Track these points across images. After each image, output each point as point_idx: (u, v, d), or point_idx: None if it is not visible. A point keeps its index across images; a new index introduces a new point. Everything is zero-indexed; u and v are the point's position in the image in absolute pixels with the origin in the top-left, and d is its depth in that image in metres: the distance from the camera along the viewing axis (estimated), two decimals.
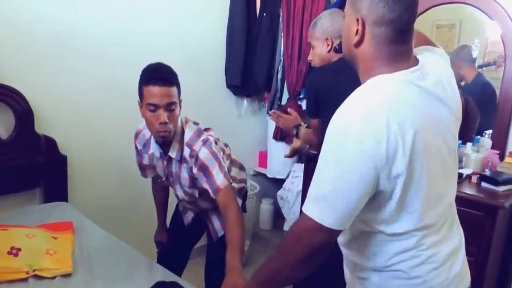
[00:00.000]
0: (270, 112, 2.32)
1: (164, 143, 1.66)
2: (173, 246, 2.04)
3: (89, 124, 2.38)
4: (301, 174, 2.78)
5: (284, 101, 3.06)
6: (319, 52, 1.89)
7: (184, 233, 2.01)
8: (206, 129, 1.75)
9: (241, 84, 3.00)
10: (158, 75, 1.55)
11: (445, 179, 1.02)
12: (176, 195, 1.87)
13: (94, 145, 2.42)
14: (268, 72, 3.09)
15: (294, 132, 2.15)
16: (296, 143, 2.21)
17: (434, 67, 1.00)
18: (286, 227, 3.07)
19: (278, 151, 3.05)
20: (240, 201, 1.91)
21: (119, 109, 2.48)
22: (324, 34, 1.85)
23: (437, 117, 0.97)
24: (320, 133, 1.87)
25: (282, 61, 3.04)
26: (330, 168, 0.90)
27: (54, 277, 1.56)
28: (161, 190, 2.07)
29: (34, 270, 1.56)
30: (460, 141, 2.38)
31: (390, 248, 0.99)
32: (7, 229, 1.74)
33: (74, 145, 2.31)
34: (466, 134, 2.39)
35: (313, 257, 0.97)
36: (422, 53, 1.03)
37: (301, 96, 3.01)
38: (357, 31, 0.94)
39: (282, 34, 2.99)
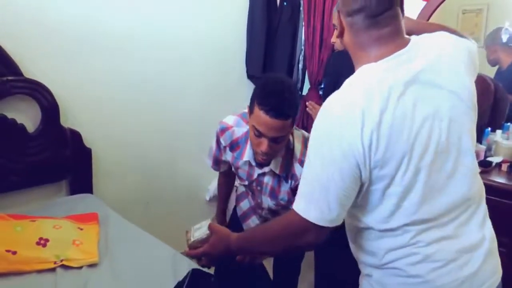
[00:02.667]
0: (307, 103, 2.27)
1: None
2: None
3: (113, 117, 2.41)
4: None
5: (305, 91, 3.02)
6: None
7: None
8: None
9: (262, 74, 2.97)
10: (275, 105, 1.30)
11: (447, 172, 0.96)
12: (257, 203, 1.71)
13: (118, 138, 2.45)
14: (289, 62, 3.05)
15: None
16: None
17: (429, 49, 0.98)
18: None
19: None
20: None
21: (143, 102, 2.51)
22: None
23: (427, 104, 0.92)
24: None
25: (303, 51, 3.00)
26: (314, 166, 0.94)
27: (80, 267, 1.60)
28: (227, 184, 1.93)
29: (61, 260, 1.60)
30: (489, 128, 2.31)
31: (383, 244, 0.98)
32: (35, 221, 1.78)
33: (98, 138, 2.34)
34: (496, 121, 2.32)
35: (297, 250, 1.06)
36: (422, 36, 1.02)
37: (322, 86, 2.96)
38: (338, 23, 1.01)
39: (303, 23, 2.95)
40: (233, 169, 1.70)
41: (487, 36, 2.51)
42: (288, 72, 3.06)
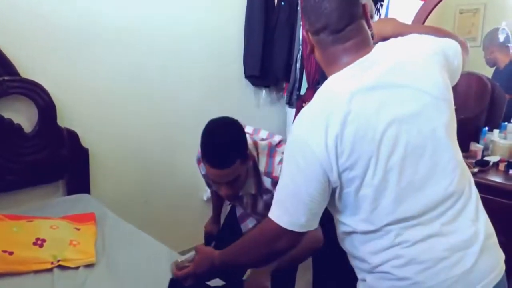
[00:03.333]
0: (304, 104, 2.26)
1: None
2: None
3: (110, 117, 2.40)
4: None
5: (303, 91, 3.02)
6: None
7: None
8: (279, 144, 1.53)
9: (260, 74, 2.97)
10: (214, 160, 1.34)
11: (425, 168, 0.95)
12: (244, 213, 1.76)
13: (115, 138, 2.44)
14: (286, 62, 3.05)
15: None
16: None
17: (393, 52, 1.00)
18: None
19: None
20: None
21: (140, 102, 2.50)
22: None
23: (392, 105, 0.94)
24: None
25: (300, 50, 3.00)
26: (285, 173, 1.01)
27: (77, 267, 1.59)
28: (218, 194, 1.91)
29: (58, 261, 1.59)
30: (487, 128, 2.32)
31: (368, 248, 0.99)
32: (32, 221, 1.78)
33: (95, 138, 2.34)
34: (493, 120, 2.32)
35: (276, 256, 1.10)
36: (388, 41, 1.06)
37: (320, 86, 2.96)
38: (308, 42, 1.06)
39: (301, 23, 2.94)
40: None
41: (484, 36, 2.52)
42: (285, 72, 3.06)
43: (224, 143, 1.35)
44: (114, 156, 2.45)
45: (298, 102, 3.01)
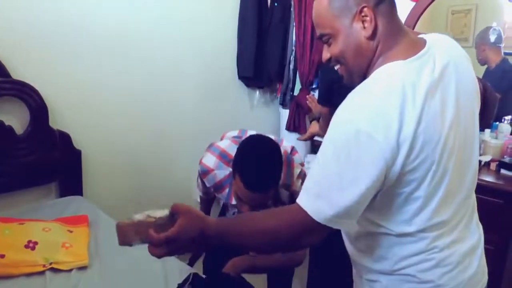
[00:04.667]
0: (307, 96, 2.27)
1: None
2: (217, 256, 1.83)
3: (103, 118, 2.39)
4: None
5: (296, 92, 3.03)
6: None
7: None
8: (292, 151, 1.50)
9: (253, 75, 2.97)
10: (255, 181, 1.29)
11: (461, 170, 0.94)
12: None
13: (108, 140, 2.43)
14: (280, 63, 3.05)
15: (316, 116, 2.12)
16: (314, 128, 2.18)
17: (443, 48, 0.94)
18: None
19: (291, 142, 3.02)
20: None
21: (134, 104, 2.49)
22: None
23: (451, 106, 0.89)
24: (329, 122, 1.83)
25: (294, 51, 3.00)
26: (333, 162, 0.84)
27: (70, 270, 1.58)
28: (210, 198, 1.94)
29: (50, 263, 1.58)
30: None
31: (399, 251, 0.93)
32: (23, 223, 1.77)
33: (88, 140, 2.33)
34: (484, 120, 2.34)
35: (291, 249, 0.97)
36: (430, 35, 0.98)
37: (313, 87, 2.97)
38: (363, 23, 0.89)
39: (294, 24, 2.95)
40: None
41: (476, 35, 2.54)
42: (279, 72, 3.06)
43: (271, 167, 1.31)
44: (107, 158, 2.44)
45: (291, 102, 3.01)
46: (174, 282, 1.47)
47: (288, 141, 3.05)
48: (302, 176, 1.43)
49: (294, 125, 3.03)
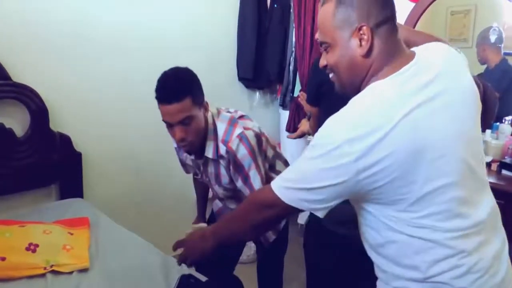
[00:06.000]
0: (299, 93, 2.28)
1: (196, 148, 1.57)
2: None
3: (103, 120, 2.39)
4: None
5: (296, 93, 3.02)
6: None
7: None
8: (241, 117, 1.63)
9: (253, 76, 2.98)
10: (164, 93, 1.44)
11: (473, 172, 0.95)
12: (216, 195, 1.79)
13: (108, 142, 2.43)
14: (280, 64, 3.05)
15: (308, 115, 2.13)
16: (305, 126, 2.18)
17: (432, 59, 0.96)
18: (300, 219, 3.05)
19: (291, 143, 3.03)
20: None
21: (133, 106, 2.49)
22: None
23: (440, 114, 0.90)
24: (319, 121, 1.83)
25: (294, 53, 3.00)
26: (311, 163, 0.91)
27: (71, 272, 1.58)
28: (200, 186, 2.00)
29: (51, 266, 1.58)
30: None
31: (427, 256, 0.93)
32: (24, 226, 1.76)
33: (88, 142, 2.33)
34: (485, 120, 2.33)
35: (267, 226, 1.08)
36: (420, 47, 1.00)
37: None
38: (360, 41, 0.92)
39: (294, 25, 2.95)
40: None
41: (478, 34, 2.54)
42: (279, 74, 3.07)
43: (173, 77, 1.47)
44: (107, 160, 2.44)
45: (291, 104, 3.01)
46: (174, 284, 1.47)
47: (288, 142, 3.08)
48: (241, 137, 1.52)
49: (294, 126, 3.03)
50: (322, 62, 1.01)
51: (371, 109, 0.87)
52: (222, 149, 1.54)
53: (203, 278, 1.51)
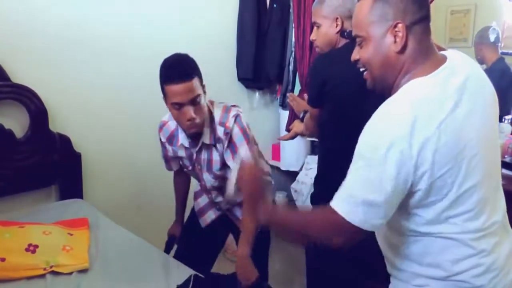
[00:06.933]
0: (288, 94, 2.27)
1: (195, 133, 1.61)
2: (188, 249, 1.94)
3: (102, 121, 2.39)
4: (314, 166, 2.74)
5: (296, 93, 3.02)
6: (326, 31, 1.73)
7: (200, 236, 1.90)
8: (233, 105, 1.70)
9: (253, 77, 2.97)
10: (176, 72, 1.48)
11: (489, 172, 0.97)
12: (203, 186, 1.80)
13: (108, 142, 2.43)
14: (279, 64, 3.05)
15: (301, 116, 2.10)
16: (298, 127, 2.15)
17: (461, 62, 0.98)
18: None
19: (291, 143, 3.02)
20: None
21: (132, 106, 2.49)
22: (333, 12, 1.70)
23: (473, 114, 0.93)
24: (319, 123, 1.81)
25: (293, 53, 3.00)
26: (362, 170, 0.90)
27: (71, 273, 1.58)
28: (183, 183, 2.02)
29: (51, 266, 1.58)
30: None
31: (450, 255, 0.94)
32: (24, 227, 1.76)
33: (88, 143, 2.33)
34: None
35: (325, 244, 0.98)
36: (447, 51, 1.02)
37: None
38: (395, 38, 0.93)
39: (293, 25, 2.95)
40: (181, 163, 1.83)
41: (476, 34, 2.54)
42: (278, 74, 3.06)
43: (178, 59, 1.54)
44: (107, 160, 2.44)
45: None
46: (174, 285, 1.47)
47: (288, 142, 3.08)
48: (236, 116, 1.61)
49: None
50: (355, 56, 1.02)
51: (417, 105, 0.87)
52: (220, 131, 1.59)
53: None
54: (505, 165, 2.06)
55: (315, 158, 2.85)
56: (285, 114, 3.10)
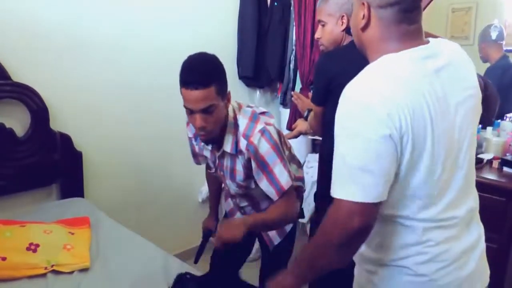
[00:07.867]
0: (292, 92, 2.26)
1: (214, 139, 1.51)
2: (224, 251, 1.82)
3: (103, 120, 2.39)
4: (315, 164, 2.75)
5: (297, 91, 3.02)
6: (331, 29, 1.74)
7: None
8: (262, 113, 1.56)
9: (254, 75, 2.97)
10: (192, 77, 1.37)
11: (458, 167, 0.97)
12: (227, 191, 1.74)
13: (109, 141, 2.43)
14: (280, 62, 3.05)
15: (305, 115, 2.10)
16: (302, 126, 2.15)
17: (446, 49, 0.98)
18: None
19: (292, 142, 3.01)
20: (297, 204, 1.68)
21: (133, 105, 2.49)
22: (339, 10, 1.70)
23: (445, 98, 0.92)
24: (323, 122, 1.80)
25: (294, 51, 3.00)
26: (346, 145, 0.91)
27: (72, 272, 1.58)
28: (215, 177, 1.89)
29: (52, 266, 1.58)
30: (480, 126, 2.32)
31: (397, 239, 0.97)
32: (25, 226, 1.76)
33: (89, 141, 2.33)
34: (486, 118, 2.33)
35: (351, 241, 0.92)
36: (435, 39, 1.01)
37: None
38: (363, 15, 0.97)
39: (294, 24, 2.95)
40: (207, 162, 1.74)
41: (479, 33, 2.53)
42: (279, 72, 3.06)
43: (200, 62, 1.41)
44: (108, 159, 2.44)
45: (292, 102, 3.01)
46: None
47: (289, 140, 3.06)
48: (263, 131, 1.46)
49: (295, 122, 3.03)
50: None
51: (384, 81, 0.90)
52: (243, 144, 1.48)
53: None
54: (506, 163, 2.06)
55: (315, 156, 2.84)
56: (286, 113, 3.10)
